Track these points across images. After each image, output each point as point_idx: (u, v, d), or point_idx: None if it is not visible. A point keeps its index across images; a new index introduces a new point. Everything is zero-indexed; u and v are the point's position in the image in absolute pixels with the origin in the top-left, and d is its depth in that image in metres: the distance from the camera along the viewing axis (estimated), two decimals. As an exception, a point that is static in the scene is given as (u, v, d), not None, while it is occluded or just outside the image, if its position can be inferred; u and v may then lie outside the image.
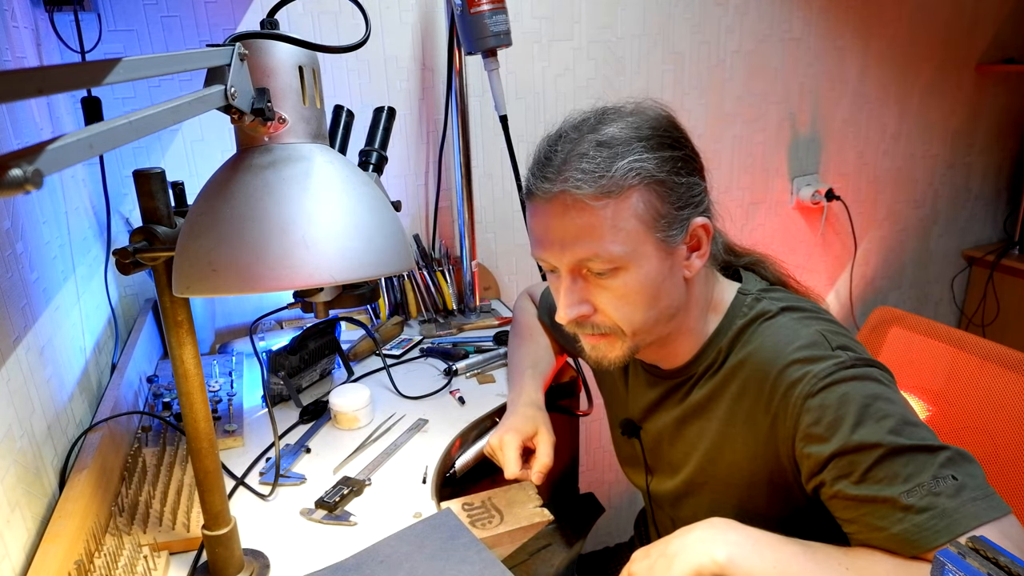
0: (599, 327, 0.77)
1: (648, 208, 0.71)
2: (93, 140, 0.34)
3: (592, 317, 0.76)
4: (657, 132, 0.73)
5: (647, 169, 0.70)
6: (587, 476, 2.04)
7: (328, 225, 0.58)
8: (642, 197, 0.71)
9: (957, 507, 0.61)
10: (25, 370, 0.82)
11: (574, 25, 1.66)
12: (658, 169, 0.71)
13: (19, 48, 1.01)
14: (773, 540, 0.66)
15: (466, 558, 0.79)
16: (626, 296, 0.74)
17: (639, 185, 0.70)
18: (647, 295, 0.74)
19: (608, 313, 0.75)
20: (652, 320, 0.76)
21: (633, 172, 0.70)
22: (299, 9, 1.41)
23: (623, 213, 0.70)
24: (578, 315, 0.75)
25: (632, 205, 0.71)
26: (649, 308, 0.75)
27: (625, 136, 0.72)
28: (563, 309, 0.76)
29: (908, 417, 0.67)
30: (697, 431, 0.83)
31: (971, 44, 2.19)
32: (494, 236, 1.73)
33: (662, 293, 0.75)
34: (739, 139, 1.96)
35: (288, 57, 0.60)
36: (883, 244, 2.30)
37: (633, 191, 0.70)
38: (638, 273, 0.73)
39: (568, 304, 0.75)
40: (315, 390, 1.23)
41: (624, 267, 0.72)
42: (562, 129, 0.76)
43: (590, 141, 0.72)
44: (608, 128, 0.72)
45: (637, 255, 0.72)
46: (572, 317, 0.75)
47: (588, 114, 0.76)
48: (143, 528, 0.84)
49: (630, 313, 0.75)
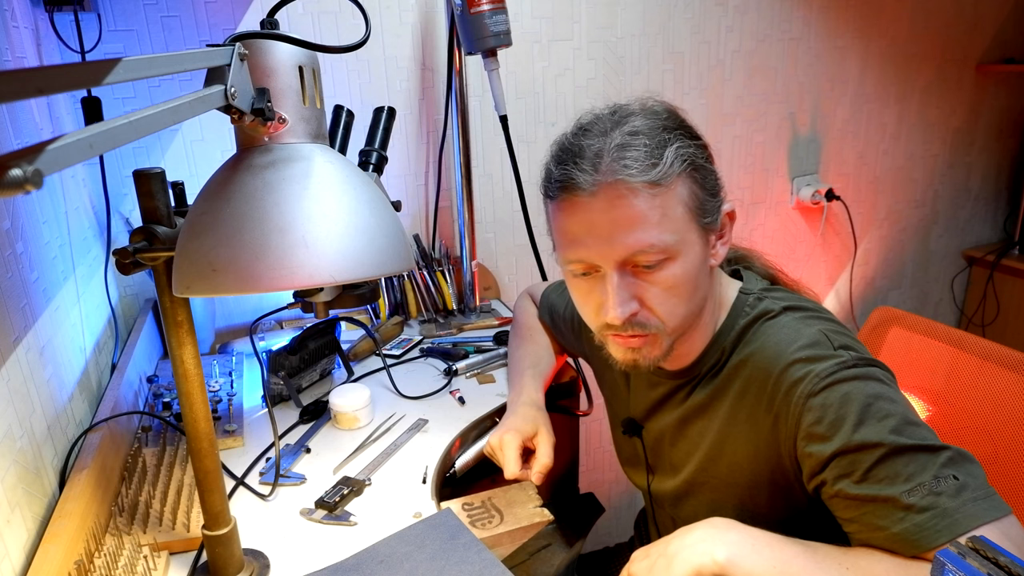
0: (645, 325, 0.74)
1: (692, 196, 0.72)
2: (93, 140, 0.34)
3: (639, 314, 0.74)
4: (678, 123, 0.74)
5: (691, 155, 0.71)
6: (587, 476, 2.04)
7: (328, 225, 0.58)
8: (686, 185, 0.71)
9: (958, 507, 0.61)
10: (25, 370, 0.82)
11: (574, 25, 1.66)
12: (696, 156, 0.72)
13: (19, 48, 1.01)
14: (773, 540, 0.66)
15: (466, 558, 0.79)
16: (674, 288, 0.72)
17: (684, 173, 0.71)
18: (691, 286, 0.73)
19: (654, 307, 0.73)
20: (692, 313, 0.75)
21: (680, 159, 0.70)
22: (299, 9, 1.41)
23: (672, 201, 0.70)
24: (631, 312, 0.73)
25: (679, 193, 0.71)
26: (691, 299, 0.74)
27: (661, 124, 0.72)
28: (615, 308, 0.72)
29: (909, 417, 0.67)
30: (699, 431, 0.83)
31: (971, 44, 2.19)
32: (494, 236, 1.73)
33: (700, 283, 0.74)
34: (739, 139, 1.96)
35: (288, 57, 0.60)
36: (883, 244, 2.30)
37: (679, 179, 0.70)
38: (685, 263, 0.72)
39: (620, 302, 0.72)
40: (315, 390, 1.23)
41: (673, 257, 0.71)
42: (581, 124, 0.74)
43: (623, 132, 0.70)
44: (634, 121, 0.72)
45: (685, 244, 0.72)
46: (627, 315, 0.72)
47: (602, 110, 0.76)
48: (143, 528, 0.84)
49: (675, 306, 0.73)
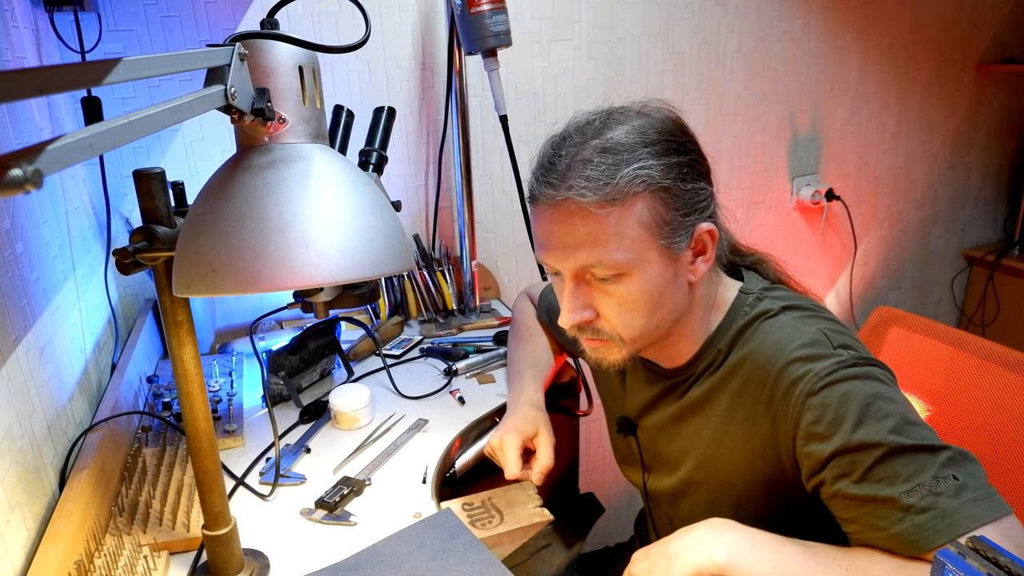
0: (600, 332, 0.77)
1: (653, 215, 0.71)
2: (93, 140, 0.34)
3: (594, 322, 0.76)
4: (663, 137, 0.72)
5: (652, 177, 0.69)
6: (587, 476, 2.04)
7: (328, 225, 0.58)
8: (647, 204, 0.70)
9: (958, 507, 0.61)
10: (25, 370, 0.82)
11: (574, 25, 1.66)
12: (663, 176, 0.70)
13: (19, 48, 1.01)
14: (772, 540, 0.66)
15: (466, 558, 0.79)
16: (628, 302, 0.73)
17: (644, 192, 0.70)
18: (650, 302, 0.73)
19: (610, 319, 0.75)
20: (653, 327, 0.76)
21: (638, 180, 0.69)
22: (299, 9, 1.41)
23: (627, 220, 0.70)
24: (580, 320, 0.75)
25: (636, 212, 0.70)
26: (651, 315, 0.74)
27: (630, 142, 0.70)
28: (566, 314, 0.76)
29: (909, 417, 0.67)
30: (694, 428, 0.83)
31: (971, 44, 2.19)
32: (494, 236, 1.73)
33: (665, 299, 0.74)
34: (739, 139, 1.96)
35: (288, 57, 0.60)
36: (883, 244, 2.30)
37: (638, 199, 0.70)
38: (641, 280, 0.72)
39: (571, 309, 0.75)
40: (315, 390, 1.23)
41: (628, 274, 0.72)
42: (566, 132, 0.75)
43: (594, 147, 0.70)
44: (613, 132, 0.71)
45: (641, 262, 0.71)
46: (575, 322, 0.76)
47: (594, 116, 0.75)
48: (143, 528, 0.84)
49: (631, 319, 0.74)
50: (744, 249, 0.89)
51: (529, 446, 0.95)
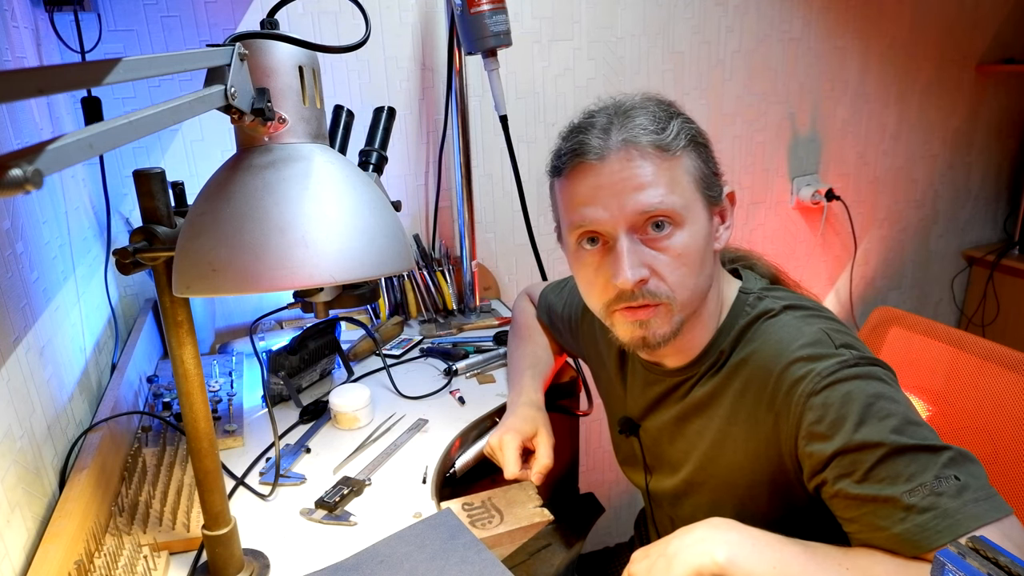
0: (656, 294, 0.74)
1: (697, 168, 0.75)
2: (93, 140, 0.34)
3: (648, 283, 0.74)
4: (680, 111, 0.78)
5: (693, 131, 0.76)
6: (587, 476, 2.04)
7: (328, 225, 0.57)
8: (691, 158, 0.75)
9: (959, 507, 0.61)
10: (25, 370, 0.82)
11: (574, 25, 1.66)
12: (699, 135, 0.77)
13: (19, 48, 1.01)
14: (773, 540, 0.66)
15: (466, 558, 0.79)
16: (683, 256, 0.74)
17: (689, 146, 0.75)
18: (699, 257, 0.75)
19: (665, 276, 0.74)
20: (699, 289, 0.76)
21: (685, 132, 0.74)
22: (299, 9, 1.41)
23: (679, 170, 0.74)
24: (641, 277, 0.73)
25: (685, 164, 0.74)
26: (699, 273, 0.76)
27: (663, 105, 0.77)
28: (628, 270, 0.72)
29: (911, 416, 0.67)
30: (697, 429, 0.83)
31: (971, 44, 2.19)
32: (494, 236, 1.73)
33: (707, 259, 0.76)
34: (739, 139, 1.96)
35: (288, 57, 0.60)
36: (883, 244, 2.30)
37: (684, 152, 0.74)
38: (692, 231, 0.74)
39: (631, 264, 0.72)
40: (315, 390, 1.23)
41: (681, 224, 0.74)
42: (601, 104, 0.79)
43: (629, 107, 0.76)
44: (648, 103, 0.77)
45: (692, 212, 0.74)
46: (638, 278, 0.73)
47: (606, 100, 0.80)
48: (143, 528, 0.84)
49: (685, 276, 0.74)
50: (732, 248, 0.91)
51: (528, 446, 0.95)
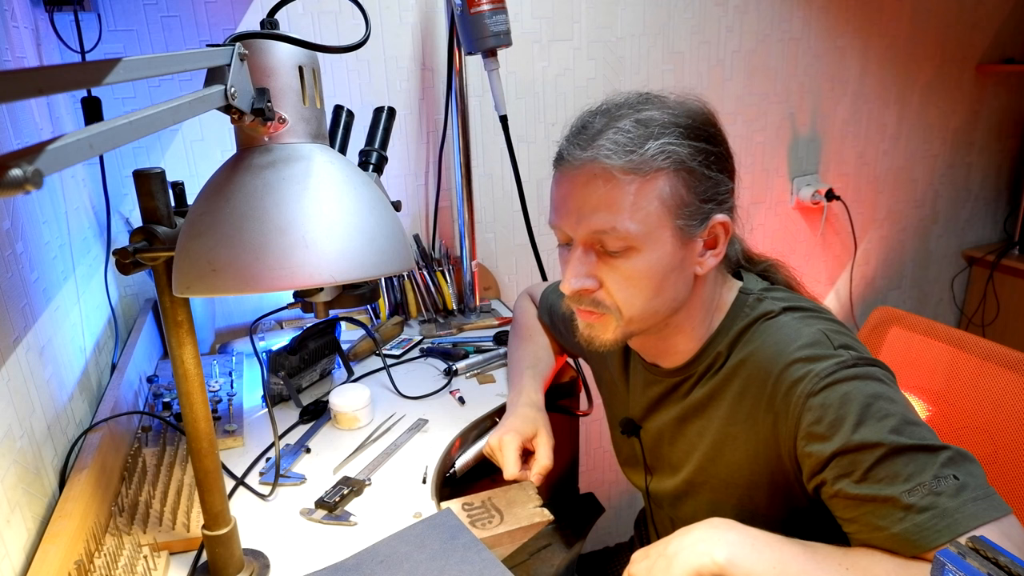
0: (599, 305, 0.76)
1: (673, 194, 0.72)
2: (93, 140, 0.34)
3: (595, 293, 0.76)
4: (696, 123, 0.74)
5: (679, 154, 0.71)
6: (587, 476, 2.04)
7: (328, 225, 0.58)
8: (669, 182, 0.72)
9: (958, 507, 0.61)
10: (25, 370, 0.82)
11: (574, 25, 1.66)
12: (690, 157, 0.72)
13: (19, 48, 1.01)
14: (772, 540, 0.66)
15: (466, 558, 0.79)
16: (633, 279, 0.73)
17: (668, 169, 0.71)
18: (653, 282, 0.74)
19: (611, 292, 0.75)
20: (652, 310, 0.76)
21: (664, 155, 0.71)
22: (299, 9, 1.41)
23: (647, 193, 0.71)
24: (582, 287, 0.75)
25: (658, 187, 0.71)
26: (653, 297, 0.74)
27: (663, 119, 0.73)
28: (569, 279, 0.75)
29: (909, 417, 0.67)
30: (698, 430, 0.83)
31: (971, 44, 2.19)
32: (494, 236, 1.73)
33: (668, 284, 0.74)
34: (739, 139, 1.96)
35: (288, 57, 0.60)
36: (883, 244, 2.30)
37: (661, 174, 0.71)
38: (650, 257, 0.73)
39: (575, 274, 0.75)
40: (315, 390, 1.23)
41: (637, 248, 0.72)
42: (604, 103, 0.77)
43: (630, 117, 0.73)
44: (650, 110, 0.74)
45: (652, 239, 0.72)
46: (576, 288, 0.75)
47: (633, 95, 0.77)
48: (143, 528, 0.84)
49: (632, 297, 0.74)
50: (756, 256, 0.89)
51: (528, 447, 0.95)
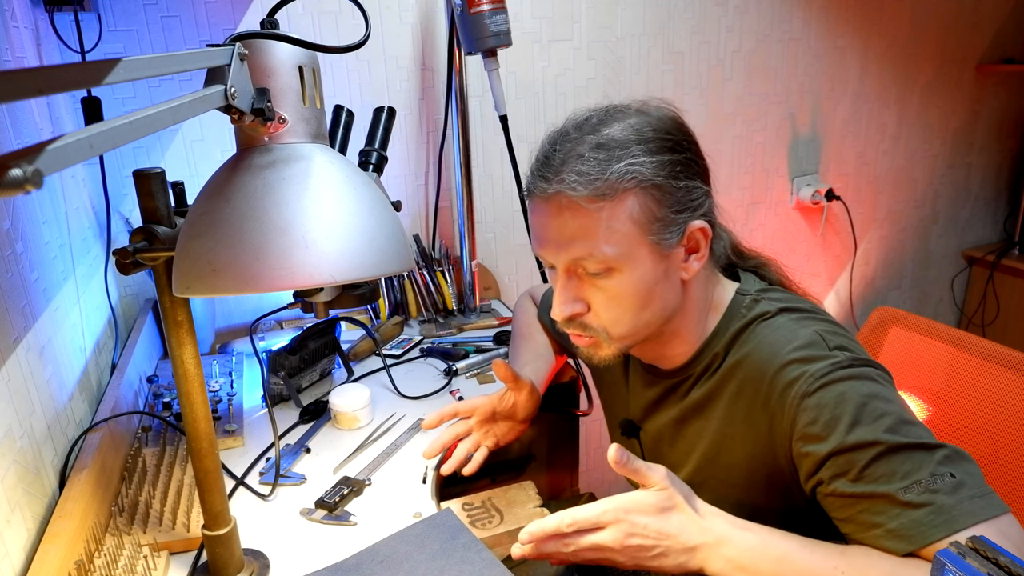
0: (588, 328, 0.77)
1: (644, 211, 0.71)
2: (93, 140, 0.34)
3: (583, 316, 0.77)
4: (659, 135, 0.72)
5: (643, 173, 0.70)
6: (587, 476, 2.04)
7: (328, 225, 0.58)
8: (637, 200, 0.71)
9: (955, 504, 0.61)
10: (25, 370, 0.82)
11: (574, 25, 1.66)
12: (655, 173, 0.71)
13: (19, 48, 1.01)
14: (772, 536, 0.66)
15: (466, 558, 0.79)
16: (617, 298, 0.74)
17: (635, 189, 0.71)
18: (638, 298, 0.74)
19: (599, 314, 0.76)
20: (642, 323, 0.76)
21: (629, 176, 0.70)
22: (299, 9, 1.41)
23: (617, 216, 0.71)
24: (571, 313, 0.76)
25: (627, 208, 0.71)
26: (640, 311, 0.75)
27: (624, 138, 0.71)
28: (557, 307, 0.77)
29: (905, 416, 0.67)
30: (696, 431, 0.83)
31: (971, 44, 2.19)
32: (494, 236, 1.73)
33: (655, 296, 0.75)
34: (739, 139, 1.96)
35: (288, 57, 0.60)
36: (883, 244, 2.30)
37: (628, 194, 0.71)
38: (631, 275, 0.73)
39: (562, 302, 0.76)
40: (315, 390, 1.23)
41: (617, 268, 0.73)
42: (564, 128, 0.76)
43: (589, 143, 0.72)
44: (609, 129, 0.72)
45: (630, 258, 0.72)
46: (565, 315, 0.77)
47: (592, 112, 0.76)
48: (143, 528, 0.84)
49: (619, 315, 0.75)
50: (746, 252, 0.88)
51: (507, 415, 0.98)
